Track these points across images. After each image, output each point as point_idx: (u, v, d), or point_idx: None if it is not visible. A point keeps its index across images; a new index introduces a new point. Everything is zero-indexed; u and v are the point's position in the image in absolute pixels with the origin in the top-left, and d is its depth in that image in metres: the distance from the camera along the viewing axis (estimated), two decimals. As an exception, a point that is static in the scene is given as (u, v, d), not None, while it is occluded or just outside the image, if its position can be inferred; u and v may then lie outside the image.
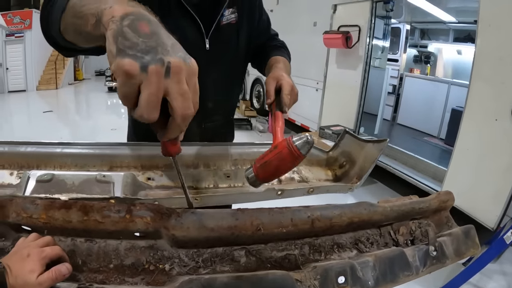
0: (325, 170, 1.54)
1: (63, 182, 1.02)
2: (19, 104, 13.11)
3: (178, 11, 1.32)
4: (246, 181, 1.08)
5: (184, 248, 0.79)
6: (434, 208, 1.17)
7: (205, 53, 1.40)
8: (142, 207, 0.77)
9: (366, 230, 1.03)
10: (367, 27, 5.14)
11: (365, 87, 5.27)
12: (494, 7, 3.36)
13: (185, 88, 0.63)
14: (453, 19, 7.45)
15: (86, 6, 0.71)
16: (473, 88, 3.53)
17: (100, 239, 0.79)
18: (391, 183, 4.93)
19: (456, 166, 3.75)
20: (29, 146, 1.19)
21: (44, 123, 9.21)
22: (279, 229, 0.84)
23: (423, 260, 0.99)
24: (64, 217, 0.76)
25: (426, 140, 6.77)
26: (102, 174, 1.07)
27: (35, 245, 0.71)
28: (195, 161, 1.28)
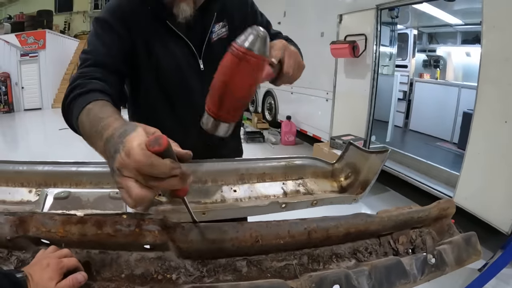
0: (330, 182, 1.57)
1: (78, 199, 1.09)
2: (35, 122, 13.31)
3: (168, 36, 1.35)
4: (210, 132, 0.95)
5: (189, 259, 0.86)
6: (434, 216, 1.19)
7: (200, 75, 1.41)
8: (151, 222, 0.83)
9: (365, 240, 1.06)
10: (373, 35, 5.14)
11: (374, 95, 5.25)
12: (497, 8, 3.35)
13: (124, 183, 0.66)
14: (460, 21, 7.42)
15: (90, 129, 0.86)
16: (481, 90, 3.50)
17: (112, 251, 0.87)
18: (405, 191, 4.90)
19: (468, 171, 3.70)
20: (46, 165, 1.27)
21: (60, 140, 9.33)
22: (277, 240, 0.89)
23: (421, 268, 1.00)
24: (80, 231, 0.84)
25: (439, 145, 6.70)
26: (115, 191, 1.14)
27: (53, 256, 0.78)
28: (203, 177, 1.34)
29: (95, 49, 1.23)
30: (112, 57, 1.23)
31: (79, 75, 1.11)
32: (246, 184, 1.38)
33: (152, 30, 1.32)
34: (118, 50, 1.26)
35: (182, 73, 1.39)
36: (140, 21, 1.30)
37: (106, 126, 0.78)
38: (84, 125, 0.91)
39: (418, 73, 8.61)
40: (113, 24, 1.26)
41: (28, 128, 12.21)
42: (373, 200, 4.72)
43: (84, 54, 1.23)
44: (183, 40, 1.36)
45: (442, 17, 7.14)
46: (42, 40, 16.08)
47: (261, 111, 10.54)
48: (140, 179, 0.65)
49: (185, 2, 1.28)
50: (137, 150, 0.63)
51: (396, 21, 6.18)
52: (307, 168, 1.54)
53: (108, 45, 1.24)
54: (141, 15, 1.30)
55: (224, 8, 1.45)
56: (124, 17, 1.28)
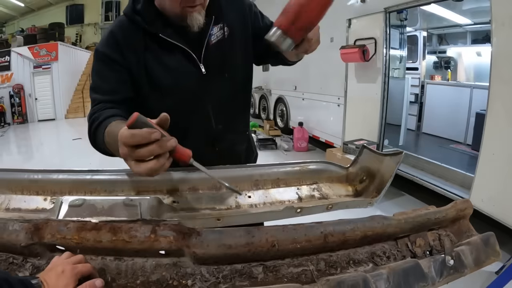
0: (345, 186, 1.56)
1: (93, 207, 1.09)
2: (49, 132, 13.47)
3: (162, 49, 1.37)
4: (273, 46, 1.01)
5: (205, 265, 0.85)
6: (452, 217, 1.16)
7: (202, 78, 1.43)
8: (166, 228, 0.83)
9: (382, 244, 1.05)
10: (383, 39, 5.12)
11: (386, 98, 5.22)
12: (506, 5, 3.31)
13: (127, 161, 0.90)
14: (469, 21, 7.38)
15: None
16: (493, 90, 3.46)
17: (128, 258, 0.87)
18: (420, 195, 4.85)
19: (483, 172, 3.65)
20: (61, 174, 1.29)
21: (74, 150, 9.43)
22: (294, 245, 0.88)
23: (440, 271, 0.99)
24: (95, 238, 0.84)
25: (453, 148, 6.64)
26: (129, 198, 1.14)
27: (68, 262, 0.79)
28: (217, 184, 1.34)
29: (99, 87, 1.36)
30: (115, 91, 1.34)
31: (92, 112, 1.29)
32: (260, 190, 1.38)
33: (144, 48, 1.36)
34: (119, 82, 1.35)
35: (183, 82, 1.42)
36: (132, 43, 1.34)
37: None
38: (110, 145, 1.10)
39: (429, 75, 8.55)
40: (109, 55, 1.33)
41: (42, 139, 12.35)
42: (389, 205, 4.68)
43: (92, 93, 1.37)
44: (180, 48, 1.38)
45: (451, 17, 7.11)
46: (54, 52, 16.33)
47: (273, 118, 10.60)
48: (130, 152, 0.85)
49: (196, 12, 1.30)
50: (121, 131, 0.85)
51: (405, 24, 6.14)
52: (322, 173, 1.53)
53: (109, 80, 1.35)
54: (132, 36, 1.35)
55: (220, 11, 1.46)
56: (118, 44, 1.34)
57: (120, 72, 1.34)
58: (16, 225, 0.85)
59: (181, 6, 1.27)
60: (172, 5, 1.29)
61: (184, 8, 1.28)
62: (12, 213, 1.20)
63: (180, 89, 1.42)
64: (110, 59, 1.33)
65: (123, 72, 1.35)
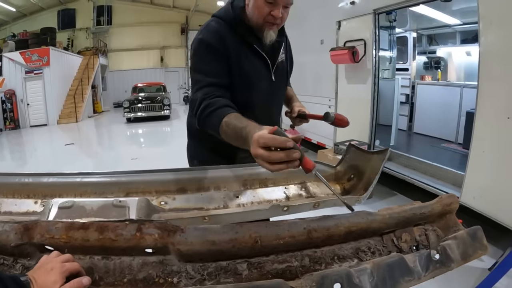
0: (333, 185, 1.58)
1: (82, 208, 1.11)
2: (41, 138, 13.37)
3: (254, 54, 1.72)
4: None
5: (191, 263, 0.87)
6: (438, 212, 1.18)
7: (272, 83, 1.82)
8: (151, 226, 0.85)
9: (367, 240, 1.06)
10: (372, 40, 5.12)
11: (376, 99, 5.23)
12: (493, 4, 3.33)
13: (259, 153, 1.01)
14: (458, 21, 7.42)
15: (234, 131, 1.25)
16: (482, 88, 3.47)
17: (115, 256, 0.88)
18: (412, 194, 4.84)
19: (473, 170, 3.65)
20: (51, 177, 1.30)
21: (66, 156, 9.39)
22: (277, 241, 0.90)
23: (425, 265, 1.00)
24: (82, 237, 0.86)
25: (444, 147, 6.66)
26: (118, 199, 1.16)
27: (57, 261, 0.81)
28: (205, 185, 1.35)
29: (204, 70, 1.62)
30: (220, 77, 1.61)
31: (204, 96, 1.50)
32: (248, 189, 1.40)
33: (242, 51, 1.68)
34: (223, 70, 1.63)
35: (262, 83, 1.78)
36: (232, 44, 1.65)
37: (247, 132, 1.13)
38: (228, 134, 1.28)
39: (419, 75, 8.59)
40: (216, 46, 1.62)
41: (34, 144, 12.25)
42: (381, 205, 4.69)
43: (196, 73, 1.65)
44: (264, 59, 1.76)
45: (440, 18, 7.15)
46: (46, 57, 16.22)
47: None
48: (265, 153, 0.98)
49: (272, 30, 1.67)
50: (261, 133, 1.00)
51: (394, 25, 6.17)
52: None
53: (215, 67, 1.62)
54: (232, 39, 1.66)
55: (286, 40, 1.93)
56: (223, 40, 1.64)
57: (223, 61, 1.63)
58: (6, 226, 0.86)
59: (264, 20, 1.62)
60: (258, 17, 1.62)
61: (265, 23, 1.63)
62: (3, 216, 1.21)
63: (259, 87, 1.78)
64: (215, 49, 1.62)
65: (225, 62, 1.64)
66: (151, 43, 24.04)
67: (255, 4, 1.60)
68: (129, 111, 15.58)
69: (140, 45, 23.88)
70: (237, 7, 1.71)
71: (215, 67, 1.61)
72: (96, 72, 20.14)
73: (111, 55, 23.64)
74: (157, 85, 18.78)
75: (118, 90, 23.49)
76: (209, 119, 1.42)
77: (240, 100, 1.62)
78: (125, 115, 15.63)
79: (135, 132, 13.92)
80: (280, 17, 1.62)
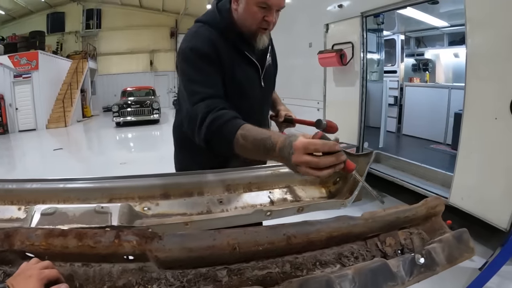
0: (319, 188, 1.58)
1: (65, 215, 1.11)
2: (30, 143, 13.27)
3: (245, 61, 1.67)
4: None
5: (170, 269, 0.86)
6: (423, 215, 1.18)
7: (261, 89, 1.79)
8: (129, 232, 0.84)
9: (350, 244, 1.06)
10: (360, 43, 5.15)
11: (364, 102, 5.25)
12: (479, 7, 3.37)
13: (304, 159, 0.99)
14: (446, 23, 7.51)
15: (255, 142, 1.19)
16: (469, 89, 3.50)
17: (95, 263, 0.88)
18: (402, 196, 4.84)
19: (462, 171, 3.68)
20: (35, 183, 1.29)
21: (55, 161, 9.33)
22: (256, 247, 0.89)
23: (410, 270, 0.99)
24: (61, 244, 0.85)
25: (433, 148, 6.70)
26: (100, 205, 1.15)
27: (36, 268, 0.80)
28: (189, 190, 1.35)
29: (202, 81, 1.51)
30: (218, 87, 1.52)
31: (207, 109, 1.39)
32: (232, 194, 1.39)
33: (233, 58, 1.62)
34: (219, 80, 1.56)
35: (253, 90, 1.75)
36: (224, 51, 1.58)
37: (273, 143, 1.10)
38: (246, 147, 1.22)
39: (408, 77, 8.64)
40: (210, 55, 1.54)
41: (23, 149, 12.16)
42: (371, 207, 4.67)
43: (192, 85, 1.52)
44: (255, 65, 1.72)
45: (428, 20, 7.21)
46: (35, 61, 16.12)
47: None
48: (313, 159, 0.96)
49: (265, 35, 1.64)
50: (313, 141, 0.98)
51: (382, 28, 6.21)
52: (294, 176, 1.54)
53: (212, 77, 1.54)
54: (223, 46, 1.59)
55: (271, 42, 1.85)
56: (216, 48, 1.56)
57: (218, 70, 1.56)
58: (-13, 234, 0.85)
59: (257, 26, 1.57)
60: (251, 24, 1.57)
61: (259, 28, 1.59)
62: (-14, 223, 1.20)
63: (250, 95, 1.73)
64: (210, 58, 1.54)
65: (220, 71, 1.57)
66: (140, 46, 24.02)
67: (247, 10, 1.54)
68: (118, 115, 15.52)
69: (129, 49, 23.85)
70: (224, 11, 1.65)
71: (212, 77, 1.54)
72: (85, 76, 20.09)
73: (100, 58, 23.57)
74: (146, 89, 18.76)
75: (107, 94, 23.41)
76: (220, 133, 1.34)
77: (232, 108, 1.58)
78: (114, 120, 15.58)
79: (124, 137, 13.88)
80: (273, 23, 1.60)
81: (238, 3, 1.58)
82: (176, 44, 24.56)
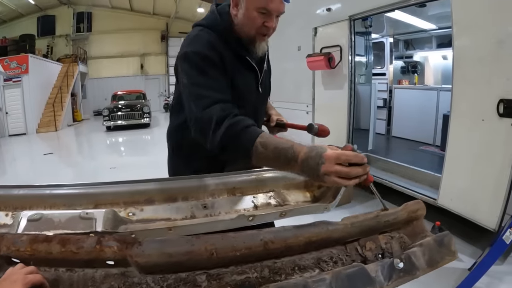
0: (303, 192, 1.60)
1: (51, 221, 1.13)
2: (20, 147, 13.16)
3: (244, 67, 1.67)
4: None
5: (151, 274, 0.88)
6: (404, 219, 1.20)
7: (258, 96, 1.81)
8: (111, 238, 0.87)
9: (330, 249, 1.07)
10: (348, 46, 5.18)
11: (353, 104, 5.29)
12: (465, 10, 3.43)
13: (334, 169, 1.04)
14: (434, 26, 7.60)
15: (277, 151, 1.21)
16: (456, 91, 3.55)
17: (79, 269, 0.90)
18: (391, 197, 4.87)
19: (450, 172, 3.73)
20: (22, 189, 1.30)
21: (45, 165, 9.27)
22: (234, 252, 0.91)
23: (388, 274, 0.99)
24: (46, 249, 0.88)
25: (422, 149, 6.74)
26: (85, 211, 1.17)
27: (21, 273, 0.83)
28: (173, 195, 1.36)
29: (209, 85, 1.49)
30: (226, 92, 1.50)
31: (222, 114, 1.36)
32: (216, 199, 1.41)
33: (234, 63, 1.61)
34: (226, 84, 1.54)
35: (251, 96, 1.76)
36: (226, 56, 1.57)
37: (296, 152, 1.14)
38: (266, 155, 1.22)
39: (396, 79, 8.70)
40: (214, 59, 1.53)
41: (13, 154, 12.05)
42: (360, 209, 4.73)
43: (198, 89, 1.48)
44: (255, 70, 1.73)
45: (416, 23, 7.28)
46: (25, 65, 16.01)
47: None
48: (343, 169, 1.03)
49: (264, 42, 1.66)
50: (346, 153, 1.05)
51: (370, 31, 6.26)
52: (279, 180, 1.57)
53: (219, 81, 1.52)
54: (225, 50, 1.58)
55: (267, 49, 1.81)
56: (219, 52, 1.55)
57: (224, 75, 1.55)
58: (-27, 240, 0.87)
59: (257, 31, 1.57)
60: (251, 29, 1.57)
61: (258, 34, 1.59)
62: (-26, 229, 1.21)
63: (249, 100, 1.73)
64: (214, 62, 1.53)
65: (223, 73, 1.55)
66: (131, 50, 23.94)
67: (247, 15, 1.54)
68: (108, 119, 15.44)
69: (120, 52, 23.76)
70: (224, 14, 1.65)
71: (218, 80, 1.52)
72: (75, 79, 19.95)
73: (90, 62, 23.47)
74: (136, 92, 18.65)
75: (98, 98, 23.32)
76: (238, 139, 1.31)
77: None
78: (105, 124, 15.49)
79: (115, 141, 13.82)
80: (273, 28, 1.59)
81: (237, 8, 1.58)
82: (167, 48, 24.54)
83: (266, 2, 1.49)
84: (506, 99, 3.05)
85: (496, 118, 3.13)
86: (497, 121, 3.13)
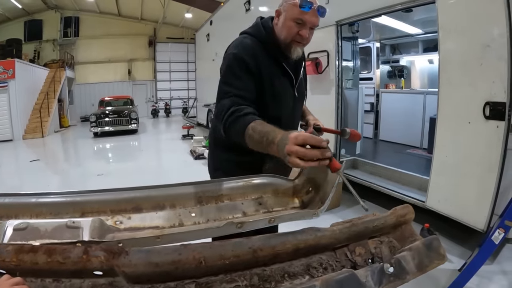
0: (291, 199, 1.60)
1: (37, 230, 1.11)
2: (6, 154, 12.95)
3: (282, 72, 1.87)
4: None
5: (139, 284, 0.87)
6: (392, 224, 1.20)
7: (294, 99, 1.99)
8: (97, 248, 0.85)
9: (319, 255, 1.07)
10: (335, 51, 5.21)
11: (340, 109, 5.31)
12: (451, 14, 3.48)
13: (294, 149, 1.10)
14: (420, 30, 7.70)
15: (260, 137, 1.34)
16: (442, 94, 3.59)
17: (65, 279, 0.88)
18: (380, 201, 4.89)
19: (437, 174, 3.77)
20: (7, 197, 1.28)
21: (32, 172, 9.15)
22: (222, 261, 0.91)
23: (378, 279, 0.98)
24: (31, 260, 0.86)
25: (409, 152, 6.82)
26: (72, 220, 1.15)
27: (7, 284, 0.81)
28: (161, 203, 1.36)
29: (234, 84, 1.71)
30: (248, 92, 1.70)
31: (231, 103, 1.61)
32: (204, 206, 1.40)
33: (272, 69, 1.83)
34: (252, 86, 1.74)
35: (288, 100, 1.95)
36: (264, 62, 1.79)
37: (274, 136, 1.24)
38: (252, 137, 1.38)
39: (383, 84, 8.80)
40: (249, 62, 1.74)
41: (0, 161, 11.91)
42: (349, 213, 4.75)
43: (225, 86, 1.73)
44: (290, 76, 1.91)
45: (402, 28, 7.37)
46: (11, 70, 15.77)
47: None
48: (301, 150, 1.07)
49: (299, 47, 1.82)
50: (303, 133, 1.10)
51: (357, 36, 6.30)
52: (267, 187, 1.57)
53: (245, 82, 1.72)
54: (264, 57, 1.80)
55: (304, 60, 2.06)
56: (256, 57, 1.77)
57: (253, 78, 1.75)
58: (-41, 250, 0.85)
59: (292, 39, 1.77)
60: (287, 36, 1.78)
61: (293, 41, 1.78)
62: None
63: (286, 104, 1.94)
64: (247, 65, 1.74)
65: (254, 79, 1.75)
66: (118, 55, 23.76)
67: (285, 24, 1.77)
68: (96, 125, 15.27)
69: (107, 58, 23.57)
70: (267, 27, 1.87)
71: (245, 82, 1.72)
72: (62, 85, 19.70)
73: (78, 67, 23.22)
74: (124, 98, 18.44)
75: (85, 103, 23.08)
76: (236, 123, 1.52)
77: (270, 115, 1.72)
78: (92, 130, 15.32)
79: (102, 147, 13.68)
80: (306, 38, 1.77)
81: (279, 18, 1.81)
82: (154, 53, 24.46)
83: (301, 14, 1.70)
84: (492, 101, 3.11)
85: (482, 120, 3.19)
86: (483, 123, 3.19)
